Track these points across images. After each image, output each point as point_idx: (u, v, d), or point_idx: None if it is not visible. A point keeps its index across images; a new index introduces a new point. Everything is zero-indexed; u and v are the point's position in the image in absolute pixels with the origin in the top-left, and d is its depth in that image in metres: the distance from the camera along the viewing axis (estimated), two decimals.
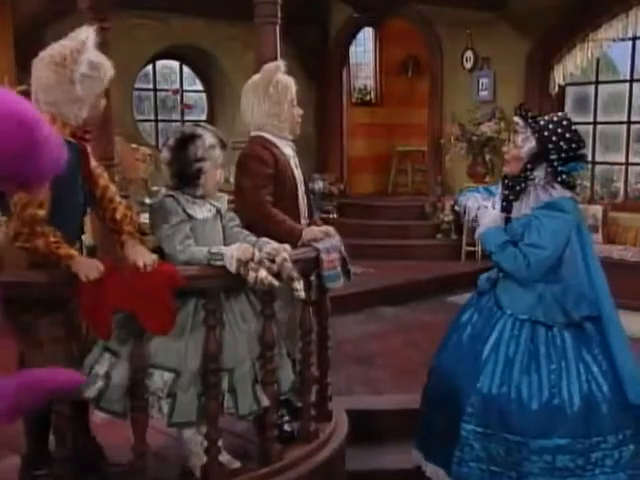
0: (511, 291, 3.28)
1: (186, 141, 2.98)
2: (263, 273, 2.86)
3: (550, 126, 3.17)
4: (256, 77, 3.55)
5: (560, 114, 3.33)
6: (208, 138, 3.00)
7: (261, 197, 3.37)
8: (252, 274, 2.84)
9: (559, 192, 3.20)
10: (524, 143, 3.20)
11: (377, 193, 10.49)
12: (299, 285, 3.02)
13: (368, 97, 10.94)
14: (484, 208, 3.36)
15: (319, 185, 9.29)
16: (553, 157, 3.16)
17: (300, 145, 3.71)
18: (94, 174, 2.93)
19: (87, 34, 2.70)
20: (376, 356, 5.41)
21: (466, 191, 3.67)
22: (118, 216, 2.93)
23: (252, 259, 2.86)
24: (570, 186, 3.22)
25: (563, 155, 3.17)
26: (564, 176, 3.19)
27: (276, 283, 2.91)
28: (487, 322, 3.31)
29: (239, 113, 3.58)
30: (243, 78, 3.73)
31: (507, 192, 3.29)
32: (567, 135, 3.17)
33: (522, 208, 3.25)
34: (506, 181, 3.31)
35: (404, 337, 5.87)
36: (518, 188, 3.23)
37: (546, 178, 3.21)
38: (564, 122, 3.20)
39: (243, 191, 3.42)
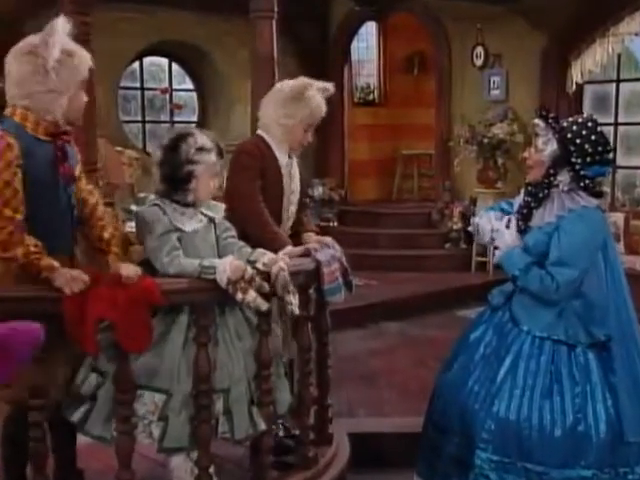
0: (528, 306, 3.26)
1: (178, 141, 3.00)
2: (251, 295, 2.88)
3: (574, 128, 3.16)
4: (289, 83, 3.57)
5: (585, 115, 3.33)
6: (202, 139, 3.01)
7: (250, 190, 3.38)
8: (239, 295, 2.86)
9: (585, 200, 3.17)
10: (545, 146, 3.18)
11: (380, 199, 10.51)
12: (294, 299, 3.02)
13: (371, 96, 10.97)
14: (496, 231, 3.35)
15: (318, 191, 9.31)
16: (576, 160, 3.14)
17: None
18: (80, 184, 2.94)
19: (58, 21, 2.70)
20: (380, 375, 5.41)
21: (484, 211, 3.65)
22: (106, 235, 2.94)
23: (243, 277, 2.87)
24: (595, 193, 3.20)
25: (588, 159, 3.13)
26: (587, 181, 3.17)
27: (264, 307, 2.92)
28: (502, 340, 3.28)
29: (233, 113, 3.59)
30: (237, 76, 3.76)
31: (529, 199, 3.28)
32: (592, 137, 3.14)
33: (545, 216, 3.21)
34: (529, 188, 3.29)
35: (410, 354, 5.87)
36: (541, 195, 3.21)
37: (571, 184, 3.19)
38: (589, 123, 3.18)
39: (233, 185, 3.43)
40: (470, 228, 3.60)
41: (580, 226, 3.13)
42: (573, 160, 3.14)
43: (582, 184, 3.16)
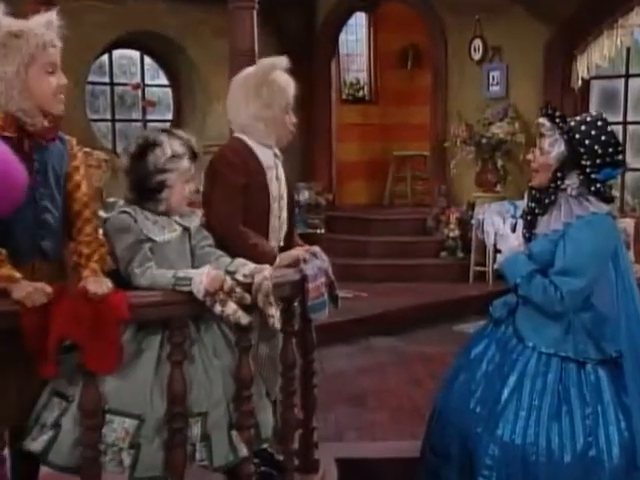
0: (533, 320, 3.26)
1: (145, 149, 2.99)
2: (231, 307, 2.87)
3: (582, 127, 3.15)
4: (250, 70, 3.58)
5: (594, 113, 3.32)
6: (171, 147, 3.00)
7: (230, 211, 3.38)
8: (218, 307, 2.85)
9: (595, 206, 3.16)
10: (552, 147, 3.18)
11: (371, 204, 10.54)
12: (276, 312, 3.03)
13: (361, 93, 11.02)
14: (501, 236, 3.36)
15: (304, 196, 9.32)
16: (586, 163, 3.14)
17: (282, 149, 3.73)
18: (77, 193, 2.91)
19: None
20: (370, 395, 5.41)
21: (488, 205, 3.67)
22: (86, 250, 2.89)
23: (221, 288, 2.87)
24: (606, 198, 3.20)
25: (598, 161, 3.14)
26: (598, 185, 3.17)
27: (245, 320, 2.91)
28: (506, 357, 3.28)
29: (211, 111, 3.60)
30: (215, 71, 3.77)
31: (533, 205, 3.28)
32: (602, 137, 3.14)
33: (551, 222, 3.20)
34: (533, 192, 3.30)
35: (403, 372, 5.88)
36: (547, 201, 3.21)
37: (579, 188, 3.20)
38: (598, 122, 3.18)
39: (210, 202, 3.43)
40: (473, 222, 3.63)
41: (588, 233, 3.12)
42: (583, 163, 3.13)
43: (593, 188, 3.16)
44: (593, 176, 3.15)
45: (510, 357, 3.26)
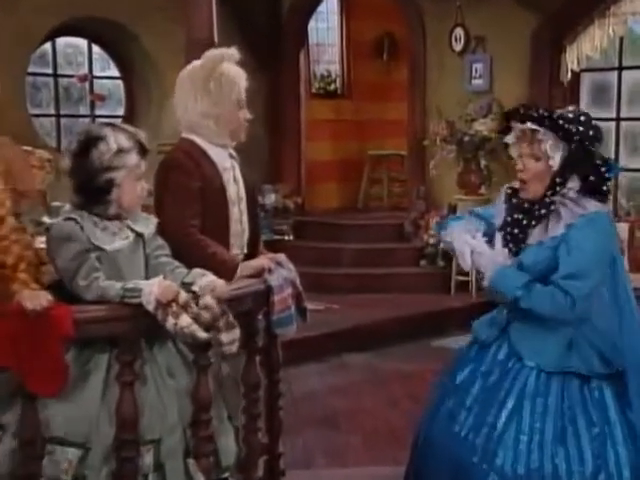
0: (532, 337, 3.25)
1: (88, 145, 2.97)
2: (185, 320, 2.85)
3: (580, 127, 3.19)
4: (196, 64, 3.57)
5: (572, 108, 3.37)
6: (117, 141, 2.98)
7: (184, 219, 3.37)
8: (171, 320, 2.83)
9: (593, 205, 3.20)
10: (554, 152, 3.20)
11: (344, 208, 10.56)
12: (228, 337, 2.99)
13: (332, 87, 11.04)
14: (478, 254, 3.35)
15: (270, 199, 9.33)
16: (588, 164, 3.19)
17: (246, 149, 3.73)
18: None
19: None
20: (343, 417, 5.41)
21: (448, 221, 3.65)
22: (10, 260, 2.88)
23: (175, 300, 2.85)
24: (603, 197, 3.25)
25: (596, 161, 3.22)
26: (604, 186, 3.22)
27: (202, 335, 2.89)
28: (502, 380, 3.26)
29: (167, 106, 3.58)
30: (172, 62, 3.75)
31: (520, 216, 3.28)
32: (591, 133, 3.20)
33: (549, 230, 3.20)
34: (522, 203, 3.29)
35: (378, 392, 5.89)
36: (544, 211, 3.21)
37: (578, 190, 3.22)
38: (582, 117, 3.24)
39: (162, 209, 3.41)
40: (443, 245, 3.61)
41: (591, 231, 3.14)
42: (585, 164, 3.18)
43: (604, 187, 3.21)
44: (592, 178, 3.19)
45: (506, 379, 3.24)
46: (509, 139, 3.33)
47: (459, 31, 8.91)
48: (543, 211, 3.21)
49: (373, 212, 10.36)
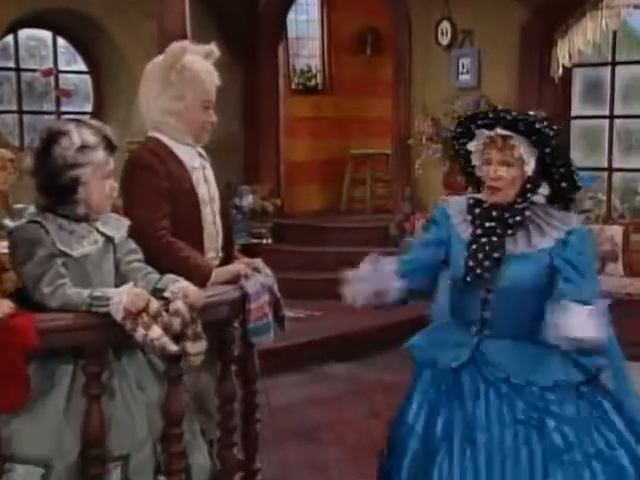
0: (532, 357, 3.26)
1: (50, 142, 2.96)
2: (156, 332, 2.84)
3: (552, 130, 3.23)
4: (159, 57, 3.56)
5: (535, 113, 3.40)
6: (81, 136, 2.97)
7: (154, 222, 3.36)
8: (141, 331, 2.82)
9: (574, 218, 3.27)
10: (529, 157, 3.22)
11: (325, 210, 10.57)
12: (194, 348, 2.97)
13: (313, 82, 11.05)
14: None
15: (248, 201, 9.32)
16: (561, 169, 3.23)
17: (221, 147, 3.72)
18: None
19: None
20: (324, 430, 5.42)
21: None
22: None
23: (145, 310, 2.84)
24: (570, 205, 3.30)
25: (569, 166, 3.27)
26: (571, 192, 3.27)
27: (172, 348, 2.89)
28: (500, 424, 3.19)
29: (137, 103, 3.58)
30: (142, 56, 3.74)
31: (493, 224, 3.28)
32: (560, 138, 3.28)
33: (531, 244, 3.24)
34: (490, 211, 3.30)
35: (362, 404, 5.88)
36: (519, 218, 3.23)
37: (549, 196, 3.27)
38: (550, 121, 3.30)
39: (130, 212, 3.39)
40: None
41: (586, 249, 3.25)
42: (558, 169, 3.22)
43: (573, 195, 3.26)
44: (564, 184, 3.24)
45: (489, 413, 3.20)
46: (473, 146, 3.31)
47: (446, 24, 8.92)
48: (518, 218, 3.23)
49: (356, 214, 10.36)
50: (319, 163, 10.77)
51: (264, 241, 9.27)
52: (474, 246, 3.26)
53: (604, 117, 8.34)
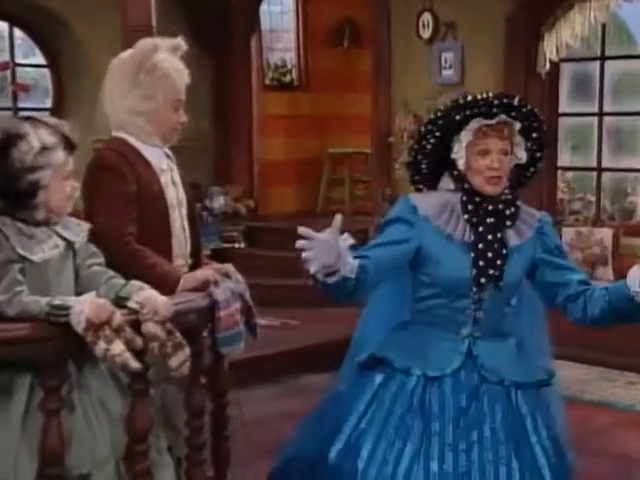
0: (527, 356, 3.34)
1: (7, 145, 2.94)
2: (118, 347, 2.83)
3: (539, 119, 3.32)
4: (126, 54, 3.55)
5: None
6: (39, 137, 2.96)
7: (120, 228, 3.34)
8: (102, 345, 2.80)
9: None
10: (520, 144, 3.29)
11: (302, 213, 10.55)
12: (177, 359, 2.97)
13: (288, 78, 11.05)
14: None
15: (219, 203, 9.30)
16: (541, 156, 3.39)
17: (190, 147, 3.71)
18: None
19: None
20: None
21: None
22: None
23: (108, 323, 2.81)
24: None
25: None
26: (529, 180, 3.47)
27: (134, 365, 2.87)
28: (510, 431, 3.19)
29: (100, 100, 3.56)
30: (106, 50, 3.73)
31: (493, 220, 3.27)
32: None
33: (520, 232, 3.30)
34: (473, 206, 3.30)
35: None
36: (513, 209, 3.27)
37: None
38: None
39: (94, 217, 3.37)
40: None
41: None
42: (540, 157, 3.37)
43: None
44: (532, 169, 3.43)
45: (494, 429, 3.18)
46: (465, 136, 3.26)
47: (427, 16, 8.92)
48: (513, 209, 3.27)
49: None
50: (294, 163, 10.77)
51: (236, 245, 9.26)
52: (481, 245, 3.23)
53: (593, 114, 8.36)
